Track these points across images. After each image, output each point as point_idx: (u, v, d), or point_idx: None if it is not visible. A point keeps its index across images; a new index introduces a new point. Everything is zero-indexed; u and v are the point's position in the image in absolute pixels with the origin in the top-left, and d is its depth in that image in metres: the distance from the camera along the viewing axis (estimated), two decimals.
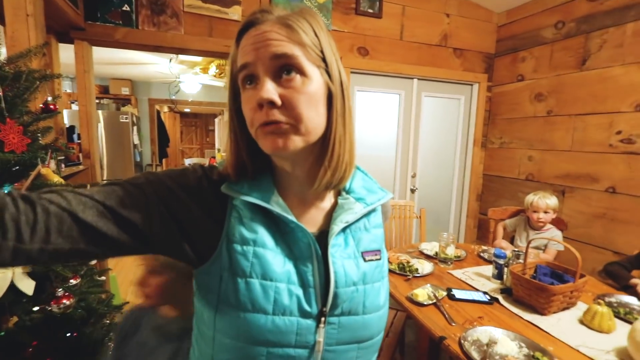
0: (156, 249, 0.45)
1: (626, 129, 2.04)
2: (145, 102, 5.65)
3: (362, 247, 0.51)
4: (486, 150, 3.08)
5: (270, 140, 0.43)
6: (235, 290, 0.44)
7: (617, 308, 1.23)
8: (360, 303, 0.49)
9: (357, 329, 0.49)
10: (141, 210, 0.43)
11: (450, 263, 1.65)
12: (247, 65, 0.43)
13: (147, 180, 0.45)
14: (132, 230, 0.42)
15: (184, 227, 0.45)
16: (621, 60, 2.06)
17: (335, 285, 0.46)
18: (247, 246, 0.45)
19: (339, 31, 2.48)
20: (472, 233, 3.18)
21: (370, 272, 0.51)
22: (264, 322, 0.44)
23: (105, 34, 2.02)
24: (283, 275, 0.45)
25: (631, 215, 2.03)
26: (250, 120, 0.44)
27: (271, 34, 0.42)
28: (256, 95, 0.42)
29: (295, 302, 0.45)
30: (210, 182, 0.48)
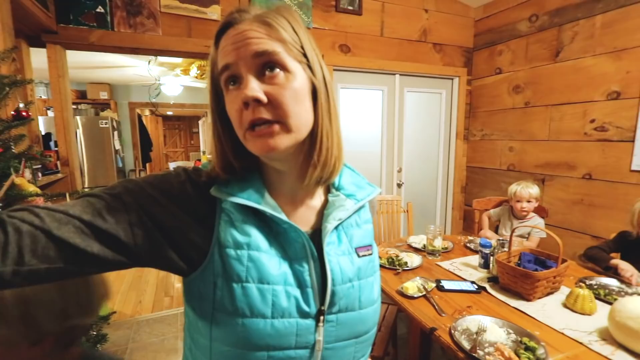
0: (143, 262, 0.43)
1: (599, 118, 2.12)
2: (125, 106, 5.50)
3: (355, 243, 0.52)
4: (468, 142, 3.15)
5: (261, 142, 0.43)
6: (232, 296, 0.43)
7: (597, 290, 1.28)
8: (357, 299, 0.49)
9: (354, 325, 0.49)
10: (122, 221, 0.40)
11: (438, 255, 1.68)
12: (228, 66, 0.43)
13: (126, 188, 0.43)
14: (115, 244, 0.40)
15: (170, 235, 0.43)
16: (592, 51, 2.14)
17: (332, 283, 0.47)
18: (241, 250, 0.44)
19: (320, 29, 2.48)
20: (459, 224, 3.24)
21: (364, 267, 0.51)
22: (263, 326, 0.43)
23: (79, 37, 1.96)
24: (280, 278, 0.45)
25: (606, 200, 2.11)
26: (238, 121, 0.43)
27: (250, 32, 0.42)
28: (241, 95, 0.41)
29: (293, 304, 0.45)
30: (195, 186, 0.47)
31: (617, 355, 0.92)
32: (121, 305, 2.68)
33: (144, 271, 3.35)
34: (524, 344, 0.96)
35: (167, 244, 0.43)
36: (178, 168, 0.49)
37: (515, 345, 0.96)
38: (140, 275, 3.25)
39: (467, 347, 0.95)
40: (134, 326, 2.37)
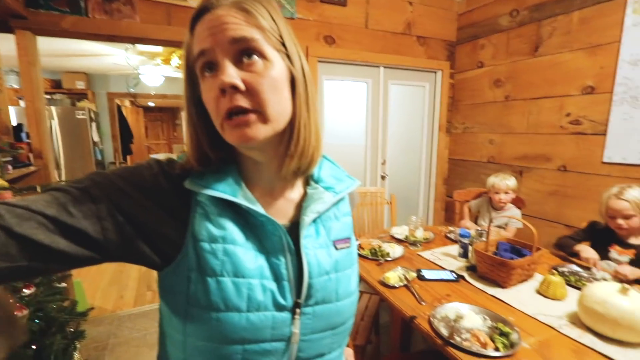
0: (114, 256, 0.41)
1: (574, 111, 2.20)
2: (104, 96, 5.31)
3: (333, 236, 0.52)
4: (451, 135, 3.20)
5: (238, 132, 0.42)
6: (206, 290, 0.42)
7: (568, 277, 1.34)
8: (333, 291, 0.49)
9: (331, 316, 0.49)
10: (89, 216, 0.39)
11: (420, 245, 1.72)
12: (204, 51, 0.41)
13: (94, 181, 0.41)
14: (82, 240, 0.38)
15: (142, 229, 0.42)
16: (569, 47, 2.20)
17: (309, 276, 0.47)
18: (216, 244, 0.43)
19: (304, 19, 2.45)
20: (440, 215, 3.31)
21: (342, 260, 0.52)
22: (238, 320, 0.43)
23: (51, 23, 1.87)
24: (255, 271, 0.44)
25: (579, 191, 2.20)
26: (214, 109, 0.42)
27: (227, 17, 0.41)
28: (217, 81, 0.40)
29: (269, 297, 0.44)
30: (169, 178, 0.46)
31: (585, 337, 0.98)
32: (102, 301, 2.63)
33: (126, 266, 3.29)
34: (499, 329, 1.00)
35: (139, 238, 0.42)
36: (151, 160, 0.48)
37: (490, 331, 1.00)
38: (121, 270, 3.19)
39: (445, 334, 0.98)
40: (115, 322, 2.34)
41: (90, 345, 2.08)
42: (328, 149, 2.77)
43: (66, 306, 1.22)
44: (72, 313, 1.14)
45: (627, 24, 1.91)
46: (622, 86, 1.95)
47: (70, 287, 2.16)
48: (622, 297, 0.96)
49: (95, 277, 3.05)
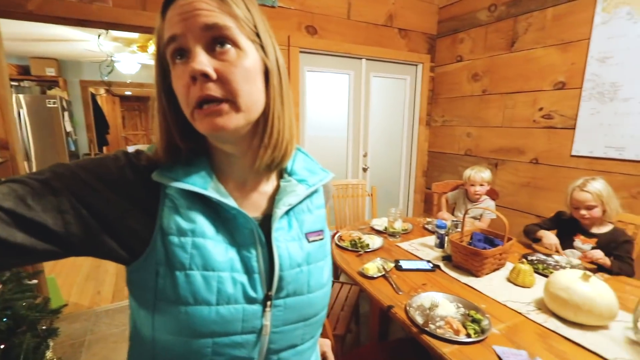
0: (78, 251, 0.40)
1: (546, 106, 2.28)
2: (77, 84, 5.06)
3: (306, 229, 0.52)
4: (430, 128, 3.26)
5: (208, 121, 0.41)
6: (174, 284, 0.42)
7: (537, 265, 1.41)
8: (305, 283, 0.50)
9: (302, 308, 0.50)
10: (49, 209, 0.37)
11: (399, 236, 1.76)
12: (175, 37, 0.40)
13: (55, 173, 0.40)
14: (42, 233, 0.37)
15: (107, 222, 0.41)
16: (543, 43, 2.26)
17: (280, 268, 0.47)
18: (184, 237, 0.43)
19: (285, 8, 2.40)
20: (420, 207, 3.39)
21: (314, 252, 0.52)
22: (207, 313, 0.42)
23: (14, 4, 1.75)
24: (226, 264, 0.44)
25: (550, 182, 2.30)
26: (185, 97, 0.41)
27: (200, 3, 0.39)
28: (188, 69, 0.39)
29: (240, 290, 0.44)
30: (137, 170, 0.45)
31: (550, 322, 1.04)
32: (77, 297, 2.56)
33: (103, 260, 3.19)
34: (471, 316, 1.04)
35: (104, 232, 0.41)
36: (118, 151, 0.47)
37: (463, 318, 1.05)
38: (98, 265, 3.10)
39: (420, 322, 1.02)
40: (92, 318, 2.28)
41: (65, 342, 2.03)
42: (310, 140, 2.76)
43: (37, 303, 1.18)
44: (44, 310, 1.10)
45: (596, 21, 1.99)
46: (591, 82, 2.03)
47: (44, 284, 2.09)
48: (584, 283, 1.03)
49: (70, 272, 2.96)
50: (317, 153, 2.84)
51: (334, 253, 1.58)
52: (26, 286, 1.11)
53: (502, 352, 0.89)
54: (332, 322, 1.56)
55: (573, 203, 1.55)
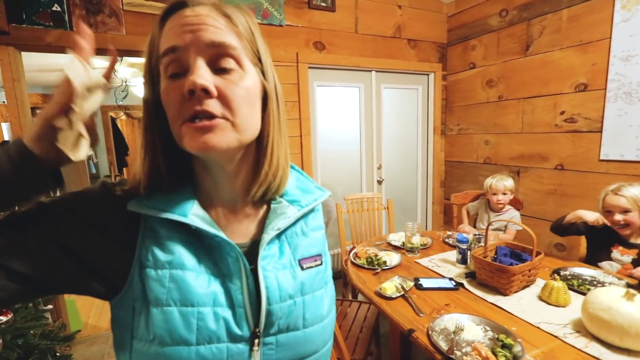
0: (55, 290, 0.39)
1: (568, 109, 2.17)
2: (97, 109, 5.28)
3: (300, 254, 0.47)
4: (446, 137, 3.17)
5: (199, 138, 0.37)
6: (149, 322, 0.38)
7: (571, 281, 1.30)
8: (300, 317, 0.44)
9: (298, 345, 0.44)
10: (14, 250, 0.36)
11: (417, 252, 1.67)
12: (175, 49, 0.37)
13: (24, 212, 0.38)
14: (9, 277, 0.35)
15: (85, 259, 0.39)
16: (560, 45, 2.18)
17: (267, 302, 0.42)
18: (162, 270, 0.39)
19: (293, 26, 2.43)
20: (439, 219, 3.27)
21: (310, 280, 0.47)
22: (187, 354, 0.38)
23: (35, 38, 1.84)
24: (207, 297, 0.40)
25: (578, 189, 2.17)
26: (175, 112, 0.38)
27: (208, 18, 0.38)
28: (186, 82, 0.36)
29: (222, 327, 0.40)
30: (115, 202, 0.42)
31: (591, 347, 0.93)
32: (96, 319, 2.56)
33: None
34: (501, 341, 0.95)
35: (81, 270, 0.39)
36: (98, 182, 0.44)
37: (492, 343, 0.96)
38: None
39: (445, 347, 0.93)
40: (110, 340, 2.26)
41: None
42: (322, 155, 2.74)
43: (51, 330, 1.16)
44: (56, 338, 1.09)
45: (616, 20, 1.90)
46: (615, 82, 1.93)
47: (63, 307, 2.11)
48: (627, 303, 0.92)
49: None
50: (330, 167, 2.80)
51: (350, 271, 1.52)
52: (38, 313, 1.10)
53: None
54: (351, 346, 1.48)
55: (606, 207, 1.44)
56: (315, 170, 2.71)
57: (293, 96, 2.50)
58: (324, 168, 2.77)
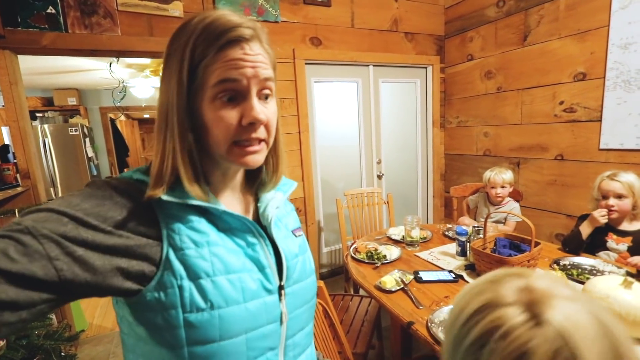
0: (80, 294, 0.39)
1: (567, 99, 2.16)
2: (97, 111, 5.29)
3: (291, 227, 0.61)
4: (445, 130, 3.16)
5: (249, 158, 0.48)
6: (203, 292, 0.44)
7: (570, 270, 1.30)
8: (304, 270, 0.57)
9: (306, 292, 0.57)
10: (37, 258, 0.35)
11: (417, 245, 1.68)
12: (236, 80, 0.44)
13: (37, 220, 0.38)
14: (33, 285, 0.35)
15: (107, 256, 0.40)
16: (557, 34, 2.16)
17: (286, 260, 0.54)
18: (202, 248, 0.45)
19: (289, 22, 2.42)
20: (440, 212, 3.27)
21: (302, 244, 0.60)
22: (239, 311, 0.46)
23: (30, 41, 1.84)
24: (242, 266, 0.48)
25: (578, 179, 2.16)
26: (227, 133, 0.45)
27: (260, 57, 0.46)
28: (248, 113, 0.45)
29: (259, 285, 0.49)
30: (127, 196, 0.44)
31: None
32: (101, 319, 2.59)
33: None
34: None
35: (106, 268, 0.39)
36: (98, 181, 0.45)
37: None
38: None
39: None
40: (116, 339, 2.30)
41: None
42: (321, 151, 2.73)
43: (55, 330, 1.18)
44: (60, 338, 1.10)
45: (614, 7, 1.88)
46: (614, 71, 1.91)
47: (67, 308, 2.13)
48: (625, 291, 0.92)
49: None
50: (330, 163, 2.80)
51: (350, 266, 1.52)
52: None
53: None
54: (352, 340, 1.49)
55: (601, 192, 1.44)
56: (315, 166, 2.71)
57: (290, 93, 2.49)
58: (323, 164, 2.77)
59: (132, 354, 0.49)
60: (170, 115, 0.45)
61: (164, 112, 0.46)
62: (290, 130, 2.53)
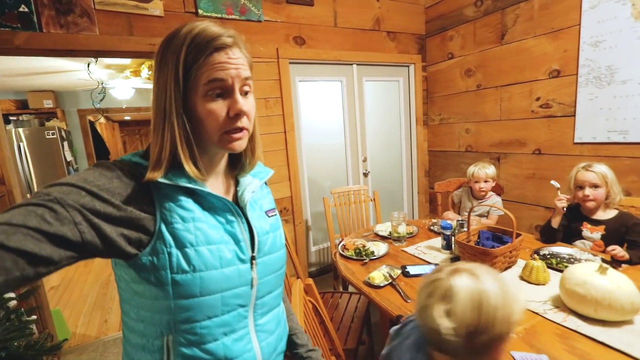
0: (93, 253, 0.47)
1: (543, 95, 2.24)
2: (74, 113, 5.10)
3: (265, 208, 0.71)
4: (428, 127, 3.22)
5: (236, 143, 0.58)
6: (187, 258, 0.54)
7: (549, 259, 1.35)
8: (274, 244, 0.68)
9: (273, 263, 0.68)
10: (66, 222, 0.44)
11: (404, 241, 1.71)
12: (223, 80, 0.54)
13: (62, 192, 0.46)
14: (63, 244, 0.43)
15: (116, 225, 0.49)
16: (533, 33, 2.24)
17: (258, 235, 0.64)
18: (187, 223, 0.55)
19: (272, 21, 2.41)
20: (425, 208, 3.34)
21: (274, 223, 0.71)
22: (216, 275, 0.56)
23: (2, 41, 1.76)
24: (220, 238, 0.58)
25: (555, 172, 2.24)
26: (217, 124, 0.55)
27: (240, 60, 0.56)
28: (233, 106, 0.55)
29: (234, 255, 0.59)
30: (129, 176, 0.53)
31: (569, 320, 0.98)
32: (84, 328, 2.51)
33: (109, 288, 3.17)
34: None
35: (114, 233, 0.49)
36: (105, 162, 0.54)
37: None
38: (104, 293, 3.07)
39: None
40: (100, 348, 2.24)
41: None
42: (307, 149, 2.74)
43: (37, 340, 1.14)
44: (42, 348, 1.06)
45: (585, 7, 1.96)
46: (586, 67, 2.00)
47: (48, 318, 2.06)
48: (601, 277, 0.97)
49: (77, 303, 2.92)
50: (316, 162, 2.81)
51: (339, 263, 1.54)
52: (22, 324, 1.08)
53: (520, 358, 0.84)
54: (343, 336, 1.50)
55: (577, 183, 1.51)
56: (302, 165, 2.72)
57: (275, 92, 2.49)
58: (309, 163, 2.77)
59: (128, 305, 0.60)
60: (169, 110, 0.54)
61: (162, 108, 0.54)
62: (276, 129, 2.52)
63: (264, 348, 0.65)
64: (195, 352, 0.57)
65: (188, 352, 0.56)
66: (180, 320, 0.55)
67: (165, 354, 0.56)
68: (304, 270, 2.76)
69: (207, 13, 2.20)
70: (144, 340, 0.58)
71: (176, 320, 0.55)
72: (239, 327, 0.61)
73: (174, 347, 0.56)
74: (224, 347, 0.58)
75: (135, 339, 0.60)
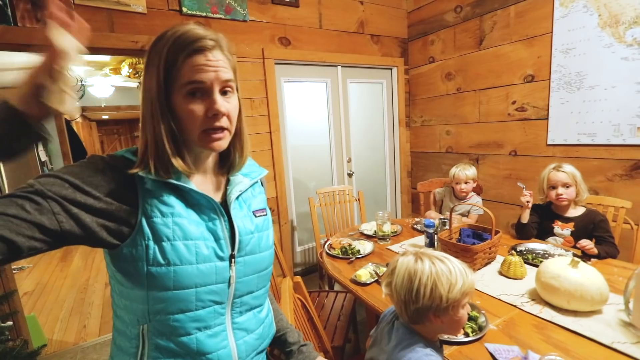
0: (72, 241, 0.50)
1: (519, 99, 2.35)
2: None
3: (253, 208, 0.70)
4: (410, 129, 3.30)
5: (215, 143, 0.59)
6: (163, 252, 0.55)
7: (526, 255, 1.42)
8: (257, 245, 0.68)
9: (256, 264, 0.67)
10: (44, 212, 0.47)
11: (389, 239, 1.75)
12: (202, 82, 0.55)
13: (44, 183, 0.49)
14: (42, 232, 0.47)
15: (96, 216, 0.51)
16: (509, 39, 2.34)
17: (239, 234, 0.64)
18: (166, 218, 0.56)
19: (257, 22, 2.41)
20: (408, 207, 3.41)
21: (261, 224, 0.70)
22: (191, 270, 0.57)
23: None
24: (200, 235, 0.59)
25: (530, 172, 2.35)
26: (196, 122, 0.57)
27: (221, 62, 0.57)
28: (212, 107, 0.56)
29: (212, 252, 0.60)
30: (115, 170, 0.56)
31: (545, 312, 1.04)
32: (62, 334, 2.42)
33: (87, 293, 3.06)
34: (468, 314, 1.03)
35: (95, 224, 0.51)
36: (95, 156, 0.57)
37: None
38: (82, 298, 2.96)
39: None
40: (79, 354, 2.16)
41: None
42: (292, 150, 2.75)
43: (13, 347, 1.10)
44: (19, 355, 1.03)
45: (556, 16, 2.08)
46: (557, 73, 2.11)
47: (23, 324, 1.97)
48: (573, 270, 1.04)
49: (53, 308, 2.81)
50: (301, 163, 2.82)
51: (325, 262, 1.56)
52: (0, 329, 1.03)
53: (494, 350, 0.88)
54: (330, 334, 1.52)
55: (550, 183, 1.59)
56: (287, 166, 2.72)
57: (260, 93, 2.48)
58: (295, 164, 2.78)
59: (114, 292, 0.63)
60: (154, 107, 0.56)
61: (148, 107, 0.56)
62: (261, 130, 2.52)
63: (241, 346, 0.65)
64: (168, 343, 0.58)
65: (162, 343, 0.58)
66: (154, 312, 0.57)
67: (141, 341, 0.59)
68: (289, 270, 2.77)
69: (191, 11, 2.17)
70: (123, 327, 0.61)
71: (150, 311, 0.57)
72: (215, 323, 0.61)
73: (149, 336, 0.58)
74: (197, 342, 0.59)
75: (118, 324, 0.63)
